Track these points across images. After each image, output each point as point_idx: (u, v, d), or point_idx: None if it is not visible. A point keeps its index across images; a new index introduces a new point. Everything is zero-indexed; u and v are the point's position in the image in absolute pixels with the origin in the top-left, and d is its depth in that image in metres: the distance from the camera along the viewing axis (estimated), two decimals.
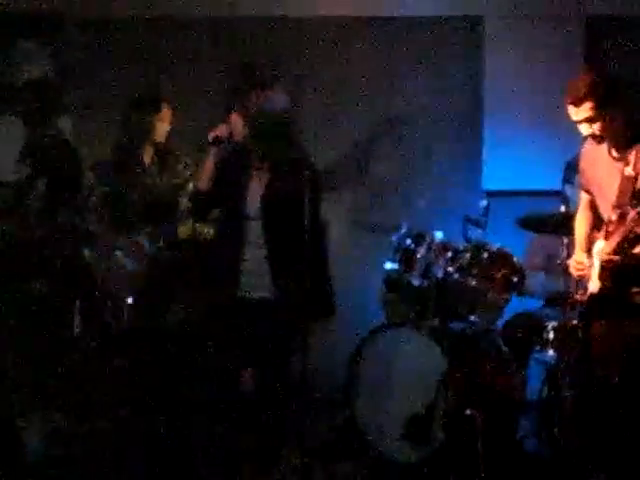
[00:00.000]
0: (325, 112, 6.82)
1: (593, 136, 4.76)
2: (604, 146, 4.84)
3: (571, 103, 4.74)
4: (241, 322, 5.26)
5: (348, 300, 6.62)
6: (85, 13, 7.04)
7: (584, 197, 5.16)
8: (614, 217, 4.69)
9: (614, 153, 4.81)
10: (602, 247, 4.73)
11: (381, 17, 6.98)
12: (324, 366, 5.85)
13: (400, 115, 6.98)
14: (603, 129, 4.71)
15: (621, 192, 4.69)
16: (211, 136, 5.22)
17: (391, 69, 7.01)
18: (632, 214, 4.55)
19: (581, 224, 5.17)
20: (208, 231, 5.81)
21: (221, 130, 5.22)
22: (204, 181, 5.26)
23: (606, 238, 4.72)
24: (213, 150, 5.24)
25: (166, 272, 5.89)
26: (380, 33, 6.98)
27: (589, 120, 4.70)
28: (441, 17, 6.98)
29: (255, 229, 5.19)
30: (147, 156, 6.00)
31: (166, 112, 6.00)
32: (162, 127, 5.97)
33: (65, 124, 6.71)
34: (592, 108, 4.67)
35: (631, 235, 4.60)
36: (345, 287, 6.40)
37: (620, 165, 4.74)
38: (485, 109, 6.99)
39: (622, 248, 4.62)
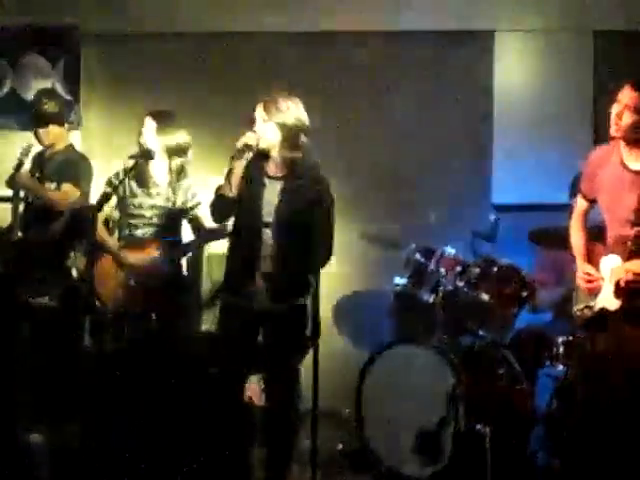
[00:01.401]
0: (330, 127, 6.81)
1: (619, 127, 4.70)
2: (616, 155, 4.80)
3: (633, 87, 4.68)
4: (253, 332, 5.28)
5: (358, 314, 6.63)
6: (96, 28, 7.07)
7: (582, 204, 5.09)
8: (631, 234, 4.68)
9: (633, 166, 4.76)
10: (619, 268, 4.71)
11: (390, 31, 6.98)
12: (334, 381, 5.84)
13: (409, 130, 6.98)
14: (631, 126, 4.67)
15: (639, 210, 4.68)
16: (241, 143, 5.16)
17: (400, 83, 7.01)
18: None
19: (578, 233, 5.11)
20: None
21: (250, 138, 5.16)
22: (231, 188, 5.20)
23: (625, 256, 4.70)
24: (241, 157, 5.19)
25: (171, 288, 5.91)
26: (389, 47, 6.99)
27: (632, 109, 4.66)
28: (451, 32, 6.98)
29: (270, 237, 5.20)
30: (168, 172, 5.96)
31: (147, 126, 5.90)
32: (142, 141, 5.87)
33: (74, 138, 6.73)
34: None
35: None
36: (354, 301, 6.41)
37: (637, 179, 4.72)
38: (494, 123, 6.98)
39: None
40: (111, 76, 7.11)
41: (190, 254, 6.11)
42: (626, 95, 4.68)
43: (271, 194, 5.22)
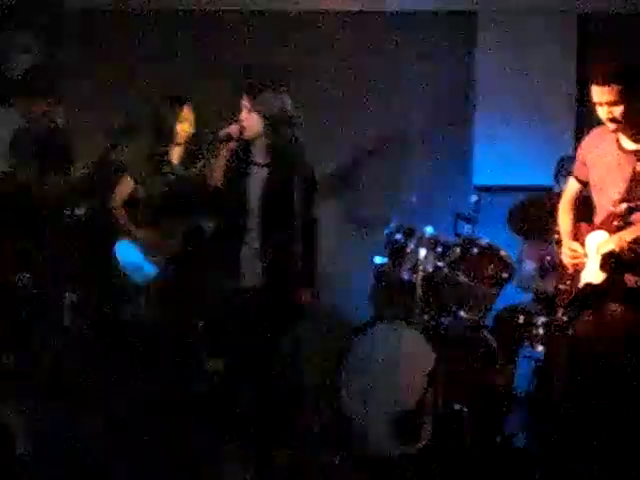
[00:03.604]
0: (316, 108, 6.80)
1: (612, 120, 4.67)
2: (611, 137, 4.80)
3: (598, 83, 4.63)
4: (236, 310, 5.40)
5: (338, 294, 6.64)
6: (82, 4, 7.04)
7: (573, 186, 5.10)
8: (620, 209, 4.68)
9: (626, 145, 4.77)
10: (608, 239, 4.72)
11: (372, 12, 6.98)
12: (312, 360, 5.85)
13: (391, 110, 6.98)
14: (624, 114, 4.63)
15: (632, 186, 4.67)
16: (222, 134, 5.37)
17: (382, 64, 7.00)
18: None
19: (568, 213, 5.11)
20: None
21: (232, 129, 5.36)
22: (218, 178, 5.43)
23: (612, 231, 4.70)
24: (225, 147, 5.40)
25: (185, 268, 5.96)
26: (370, 28, 6.98)
27: (613, 103, 4.62)
28: (433, 12, 6.97)
29: (255, 224, 5.37)
30: (175, 156, 6.03)
31: (187, 113, 5.96)
32: (182, 128, 5.96)
33: (57, 115, 6.70)
34: (618, 91, 4.58)
35: None
36: (334, 281, 6.41)
37: (631, 159, 4.71)
38: (477, 105, 6.98)
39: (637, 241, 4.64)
40: (94, 52, 7.08)
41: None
42: (597, 94, 4.68)
43: (257, 181, 5.38)
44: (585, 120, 4.99)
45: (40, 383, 5.80)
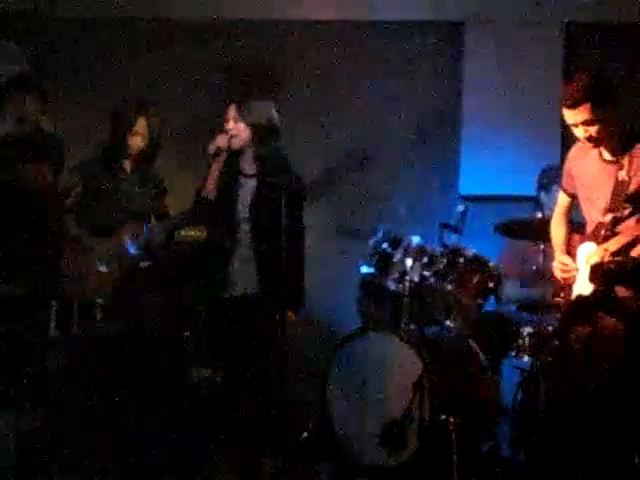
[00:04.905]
0: (303, 117, 6.82)
1: (590, 139, 4.69)
2: (594, 149, 4.82)
3: (568, 106, 4.65)
4: (225, 319, 5.42)
5: (324, 303, 6.63)
6: (67, 13, 7.04)
7: (563, 200, 5.13)
8: (606, 220, 4.69)
9: (607, 156, 4.79)
10: (595, 250, 4.73)
11: (361, 21, 7.00)
12: (299, 370, 5.85)
13: (379, 119, 6.98)
14: (600, 132, 4.66)
15: (614, 196, 4.68)
16: (212, 148, 5.41)
17: (370, 73, 7.02)
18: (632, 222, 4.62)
19: (559, 227, 5.16)
20: (200, 234, 5.92)
21: (221, 141, 5.40)
22: (210, 190, 5.45)
23: (599, 241, 4.71)
24: (216, 160, 5.43)
25: (144, 275, 5.90)
26: (360, 37, 7.01)
27: (586, 123, 4.64)
28: (421, 22, 7.00)
29: (244, 232, 5.42)
30: (128, 165, 6.03)
31: (140, 126, 5.94)
32: (135, 140, 5.93)
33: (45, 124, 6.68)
34: (589, 110, 4.60)
35: (630, 240, 4.62)
36: (321, 290, 6.40)
37: (612, 169, 4.73)
38: (463, 114, 7.00)
39: (622, 252, 4.63)
40: (79, 61, 7.08)
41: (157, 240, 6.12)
42: (569, 116, 4.70)
43: (245, 191, 5.44)
44: (570, 131, 4.98)
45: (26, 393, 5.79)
